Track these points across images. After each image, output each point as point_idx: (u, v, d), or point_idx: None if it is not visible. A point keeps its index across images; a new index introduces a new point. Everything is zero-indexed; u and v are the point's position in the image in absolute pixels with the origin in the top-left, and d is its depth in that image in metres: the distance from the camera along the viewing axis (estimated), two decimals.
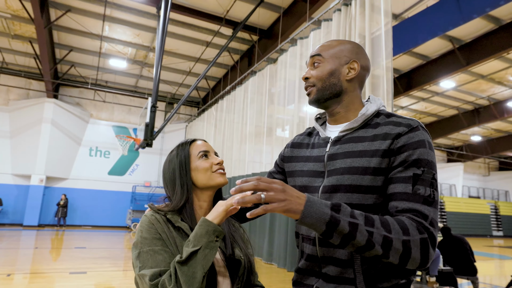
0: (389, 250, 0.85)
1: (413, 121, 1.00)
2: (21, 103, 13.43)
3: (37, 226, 12.93)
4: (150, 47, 11.39)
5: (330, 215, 0.83)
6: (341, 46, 1.13)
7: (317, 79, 1.11)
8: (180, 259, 0.94)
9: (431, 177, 0.94)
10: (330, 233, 0.84)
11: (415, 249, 0.85)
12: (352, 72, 1.10)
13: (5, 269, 5.64)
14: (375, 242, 0.84)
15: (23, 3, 8.98)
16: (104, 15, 9.41)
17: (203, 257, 0.95)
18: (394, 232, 0.85)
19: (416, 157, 0.94)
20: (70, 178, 14.06)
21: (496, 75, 12.01)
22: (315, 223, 0.83)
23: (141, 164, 15.27)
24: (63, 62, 12.59)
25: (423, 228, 0.87)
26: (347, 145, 1.05)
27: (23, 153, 13.18)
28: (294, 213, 0.83)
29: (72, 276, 5.37)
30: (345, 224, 0.83)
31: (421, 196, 0.92)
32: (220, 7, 8.96)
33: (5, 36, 11.05)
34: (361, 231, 0.84)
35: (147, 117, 8.33)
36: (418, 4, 8.21)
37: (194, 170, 1.15)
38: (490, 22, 8.90)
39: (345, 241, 0.84)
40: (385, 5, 5.04)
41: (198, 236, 0.97)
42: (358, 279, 0.95)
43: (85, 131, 14.50)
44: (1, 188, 13.01)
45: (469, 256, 5.53)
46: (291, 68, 7.21)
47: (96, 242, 9.82)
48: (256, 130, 8.37)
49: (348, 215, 0.85)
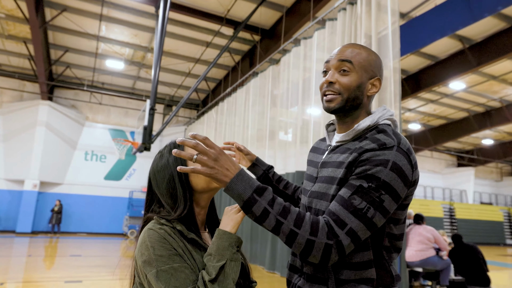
0: (293, 242, 0.95)
1: (392, 140, 1.03)
2: (15, 105, 13.50)
3: (31, 233, 12.94)
4: (148, 48, 11.45)
5: (248, 196, 0.94)
6: (369, 57, 1.15)
7: (344, 89, 1.12)
8: (210, 277, 0.93)
9: (376, 195, 0.98)
10: (246, 210, 0.95)
11: (317, 250, 0.94)
12: (373, 89, 1.16)
13: None
14: (281, 231, 0.95)
15: (17, 2, 9.06)
16: (101, 15, 9.47)
17: (230, 270, 0.97)
18: (303, 229, 0.95)
19: (371, 173, 0.99)
20: (65, 183, 14.09)
21: (509, 75, 12.00)
22: (235, 198, 0.95)
23: (138, 168, 15.30)
24: (58, 63, 12.67)
25: (332, 235, 0.95)
26: (335, 155, 1.13)
27: (16, 157, 13.23)
28: (219, 182, 0.94)
29: (67, 285, 5.37)
30: (259, 208, 0.94)
31: (352, 206, 0.97)
32: (221, 6, 9.01)
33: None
34: (270, 219, 0.94)
35: (146, 120, 8.36)
36: (426, 3, 8.23)
37: (192, 174, 1.09)
38: (502, 20, 8.92)
39: (258, 221, 0.96)
40: (392, 3, 5.06)
41: (221, 249, 0.98)
42: (330, 281, 1.05)
43: (80, 135, 14.55)
44: None
45: (481, 265, 5.50)
46: (295, 69, 7.22)
47: (92, 250, 9.82)
48: (258, 133, 8.37)
49: (266, 201, 0.95)
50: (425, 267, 5.31)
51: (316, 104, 6.49)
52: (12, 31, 10.92)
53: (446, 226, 19.72)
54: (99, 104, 14.80)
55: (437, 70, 11.03)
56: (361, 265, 1.04)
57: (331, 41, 6.15)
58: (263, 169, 1.43)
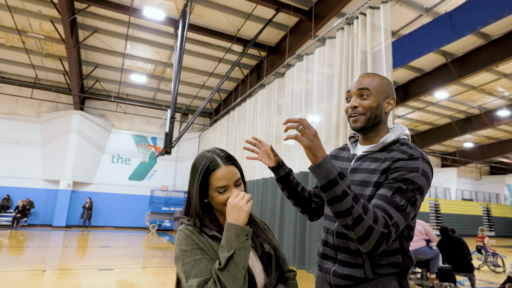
0: (357, 226, 0.98)
1: (417, 152, 1.13)
2: (51, 115, 13.65)
3: (65, 227, 13.04)
4: (168, 63, 11.55)
5: (334, 176, 0.98)
6: (382, 82, 1.24)
7: (367, 109, 1.21)
8: (219, 266, 0.94)
9: (412, 194, 1.06)
10: (327, 189, 0.99)
11: (374, 236, 0.98)
12: (389, 106, 1.24)
13: (38, 266, 5.70)
14: (352, 213, 0.98)
15: (55, 25, 9.21)
16: (127, 35, 9.59)
17: (239, 258, 0.96)
18: (368, 216, 0.99)
19: (407, 177, 1.07)
20: (95, 183, 14.17)
21: (486, 86, 11.94)
22: (322, 175, 0.99)
23: (159, 170, 15.35)
24: (89, 77, 12.82)
25: (386, 225, 1.00)
26: (366, 163, 1.20)
27: (52, 160, 13.35)
28: (313, 155, 0.99)
29: (100, 273, 5.41)
30: (340, 189, 0.98)
31: (395, 202, 1.04)
32: (232, 26, 9.08)
33: (38, 55, 11.30)
34: (348, 200, 0.98)
35: (167, 127, 8.41)
36: (414, 22, 8.24)
37: (211, 198, 1.10)
38: (480, 38, 8.89)
39: (333, 200, 0.99)
40: (384, 23, 5.08)
41: (229, 240, 0.97)
42: (366, 266, 1.11)
43: (108, 140, 14.65)
44: (33, 192, 13.16)
45: (466, 254, 5.48)
46: (298, 82, 7.24)
47: (119, 242, 9.88)
48: (265, 138, 8.40)
49: (346, 185, 0.99)
50: (417, 256, 5.28)
51: (317, 112, 6.50)
52: (50, 50, 11.07)
53: (432, 220, 19.57)
54: (124, 113, 14.91)
55: (423, 81, 11.01)
56: (391, 252, 1.12)
57: (331, 57, 6.17)
58: (285, 171, 1.47)
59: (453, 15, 6.97)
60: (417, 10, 7.89)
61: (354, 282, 1.12)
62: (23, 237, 9.68)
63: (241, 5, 8.18)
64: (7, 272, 5.06)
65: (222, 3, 8.15)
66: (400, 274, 1.13)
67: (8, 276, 4.83)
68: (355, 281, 1.12)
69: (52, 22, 9.17)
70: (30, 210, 12.77)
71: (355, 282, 1.12)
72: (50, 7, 8.52)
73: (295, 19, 8.42)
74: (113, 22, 9.15)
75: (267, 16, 8.37)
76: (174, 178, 15.44)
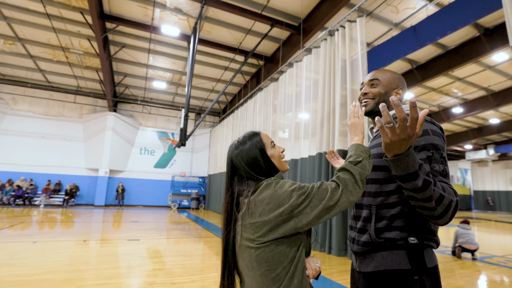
0: (439, 204, 0.84)
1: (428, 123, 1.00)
2: (91, 116, 13.56)
3: (104, 206, 13.04)
4: (183, 72, 11.39)
5: (415, 169, 0.83)
6: (391, 75, 1.15)
7: (375, 95, 1.12)
8: (352, 160, 0.88)
9: (439, 156, 0.93)
10: (405, 180, 0.84)
11: (453, 207, 0.85)
12: (398, 95, 1.13)
13: (83, 236, 5.68)
14: (433, 197, 0.84)
15: (91, 43, 9.06)
16: (149, 49, 9.44)
17: (368, 164, 0.89)
18: (447, 193, 0.86)
19: (424, 143, 0.93)
20: (127, 170, 14.14)
21: (444, 88, 11.74)
22: (401, 167, 0.84)
23: (178, 159, 15.29)
24: (119, 85, 12.69)
25: (454, 193, 0.87)
26: (376, 140, 1.09)
27: (92, 153, 13.31)
28: (398, 149, 0.82)
29: (129, 243, 5.37)
30: (420, 181, 0.83)
31: (438, 171, 0.91)
32: (235, 40, 8.91)
33: (79, 67, 11.18)
34: (430, 189, 0.83)
35: (181, 124, 8.31)
36: (385, 34, 8.06)
37: (271, 157, 0.98)
38: (439, 48, 8.69)
39: (414, 191, 0.84)
40: (360, 35, 4.93)
41: (358, 152, 0.91)
42: (370, 230, 0.99)
43: (136, 136, 14.57)
44: (78, 179, 13.17)
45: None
46: (289, 85, 7.11)
47: (146, 217, 9.86)
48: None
49: (425, 173, 0.84)
50: None
51: (305, 110, 6.38)
52: (88, 63, 10.94)
53: None
54: (149, 114, 14.81)
55: None
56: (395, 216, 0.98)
57: (316, 64, 6.03)
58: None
59: (417, 28, 6.77)
60: (387, 25, 7.70)
61: (366, 248, 0.98)
62: (71, 214, 9.67)
63: (242, 22, 7.99)
64: (58, 242, 5.03)
65: (227, 20, 7.97)
66: (411, 246, 0.93)
67: (59, 245, 4.80)
68: (366, 246, 0.98)
69: (89, 40, 9.02)
70: (76, 192, 12.79)
71: (366, 248, 0.98)
72: (86, 27, 8.36)
73: (287, 33, 8.23)
74: (138, 38, 8.99)
75: (264, 31, 8.19)
76: (190, 166, 15.38)
